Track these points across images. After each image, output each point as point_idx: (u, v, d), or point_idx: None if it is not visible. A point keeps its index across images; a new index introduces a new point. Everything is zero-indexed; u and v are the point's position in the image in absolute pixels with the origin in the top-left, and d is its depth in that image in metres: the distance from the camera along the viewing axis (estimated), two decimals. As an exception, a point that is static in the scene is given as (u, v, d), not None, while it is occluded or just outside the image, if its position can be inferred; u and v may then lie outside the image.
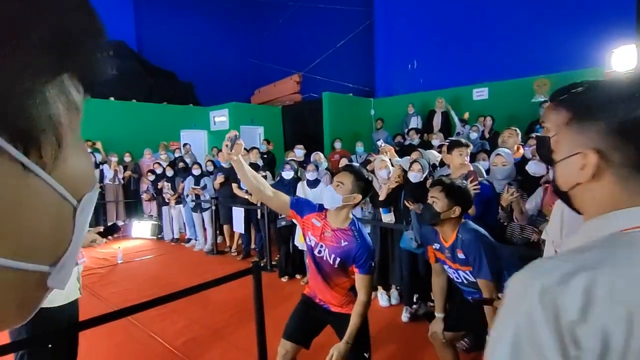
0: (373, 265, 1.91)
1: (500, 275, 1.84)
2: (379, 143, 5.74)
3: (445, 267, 2.04)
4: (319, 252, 1.96)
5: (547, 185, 2.92)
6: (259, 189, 1.89)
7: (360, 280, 1.89)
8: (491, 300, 1.36)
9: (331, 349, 1.85)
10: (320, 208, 2.01)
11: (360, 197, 1.93)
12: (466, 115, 7.33)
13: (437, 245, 2.04)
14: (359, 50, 10.85)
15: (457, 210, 1.89)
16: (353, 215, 2.01)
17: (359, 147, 7.33)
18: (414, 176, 3.43)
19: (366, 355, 2.01)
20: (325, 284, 1.99)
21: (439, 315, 2.19)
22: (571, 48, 6.85)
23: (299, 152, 6.09)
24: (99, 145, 7.77)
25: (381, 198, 3.64)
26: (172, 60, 11.47)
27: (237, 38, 14.20)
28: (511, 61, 7.77)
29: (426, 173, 3.43)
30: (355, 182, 1.91)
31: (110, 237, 2.10)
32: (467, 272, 1.90)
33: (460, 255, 1.88)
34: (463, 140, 3.39)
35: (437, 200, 1.91)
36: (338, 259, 1.91)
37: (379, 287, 3.91)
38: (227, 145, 1.71)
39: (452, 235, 1.93)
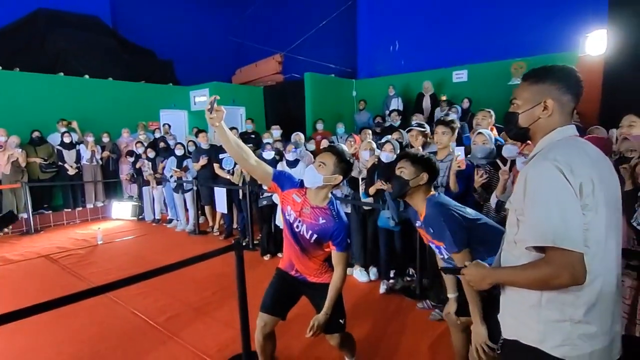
0: (349, 242, 2.00)
1: (475, 250, 1.81)
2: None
3: (431, 245, 2.02)
4: (297, 226, 2.02)
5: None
6: (242, 157, 1.91)
7: (337, 257, 1.97)
8: (458, 270, 1.45)
9: (311, 320, 1.95)
10: (302, 184, 2.04)
11: (341, 177, 1.98)
12: (443, 98, 7.42)
13: (418, 223, 2.03)
14: (341, 30, 10.74)
15: (425, 176, 1.90)
16: (332, 194, 2.07)
17: (340, 128, 7.35)
18: (386, 156, 3.46)
19: (342, 321, 2.13)
20: (302, 254, 2.08)
21: (451, 295, 2.12)
22: (547, 32, 7.00)
23: (276, 132, 6.15)
24: (74, 124, 7.56)
25: (371, 193, 3.64)
26: (150, 37, 11.09)
27: (218, 16, 13.80)
28: (490, 44, 7.88)
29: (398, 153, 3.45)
30: (337, 163, 1.95)
31: (5, 228, 1.98)
32: (442, 247, 1.92)
33: (430, 229, 1.91)
34: (448, 119, 3.26)
35: (404, 169, 1.92)
36: (315, 236, 1.97)
37: (356, 265, 4.04)
38: (208, 110, 1.71)
39: (423, 208, 1.93)
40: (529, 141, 1.32)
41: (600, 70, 4.54)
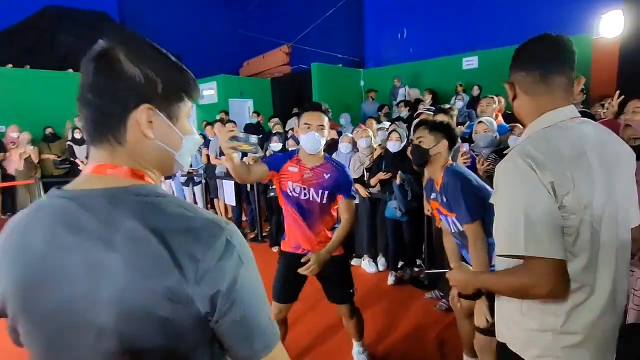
0: (354, 189, 2.08)
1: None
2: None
3: (443, 219, 1.97)
4: (305, 195, 2.02)
5: None
6: (244, 175, 1.94)
7: (345, 205, 2.04)
8: (443, 274, 1.36)
9: (309, 255, 1.93)
10: (291, 154, 2.09)
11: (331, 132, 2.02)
12: (460, 89, 7.26)
13: (433, 195, 1.98)
14: (348, 20, 10.61)
15: (445, 143, 1.86)
16: (325, 152, 2.11)
17: (342, 120, 7.18)
18: (393, 145, 3.43)
19: (352, 291, 2.20)
20: (309, 231, 2.07)
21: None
22: (560, 15, 6.78)
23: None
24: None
25: (373, 184, 3.62)
26: (157, 32, 11.06)
27: (225, 8, 13.76)
28: (501, 29, 7.67)
29: (405, 142, 3.42)
30: (328, 122, 2.03)
31: None
32: (454, 219, 1.86)
33: (444, 199, 1.85)
34: (447, 107, 3.26)
35: (423, 138, 1.89)
36: (326, 192, 2.00)
37: (365, 256, 4.02)
38: (231, 147, 1.71)
39: (441, 177, 1.88)
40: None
41: (616, 53, 4.39)
